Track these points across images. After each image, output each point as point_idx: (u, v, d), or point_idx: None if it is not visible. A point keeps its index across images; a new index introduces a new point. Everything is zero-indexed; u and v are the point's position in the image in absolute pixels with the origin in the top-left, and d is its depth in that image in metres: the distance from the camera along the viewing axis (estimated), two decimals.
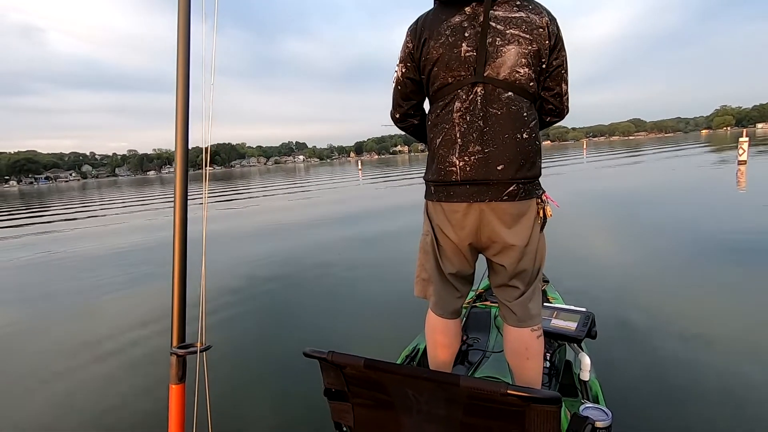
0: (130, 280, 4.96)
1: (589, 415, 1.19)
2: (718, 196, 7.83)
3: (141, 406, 2.22)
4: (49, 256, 6.96)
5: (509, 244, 1.24)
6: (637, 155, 25.52)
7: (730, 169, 11.56)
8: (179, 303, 1.09)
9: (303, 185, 22.36)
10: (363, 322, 3.18)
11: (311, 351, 1.12)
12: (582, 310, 1.66)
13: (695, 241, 4.69)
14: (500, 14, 1.18)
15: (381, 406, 1.13)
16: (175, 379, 1.07)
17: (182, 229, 1.11)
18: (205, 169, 1.16)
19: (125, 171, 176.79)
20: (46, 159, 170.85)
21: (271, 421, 2.03)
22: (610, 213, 7.22)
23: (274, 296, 3.94)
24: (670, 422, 1.81)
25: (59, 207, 19.76)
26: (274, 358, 2.68)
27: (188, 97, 1.10)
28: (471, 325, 2.04)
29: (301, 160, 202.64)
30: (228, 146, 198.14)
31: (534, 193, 1.26)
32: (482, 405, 0.97)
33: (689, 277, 3.64)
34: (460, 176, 1.22)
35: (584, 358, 1.56)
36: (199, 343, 1.08)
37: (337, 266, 4.81)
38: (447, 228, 1.30)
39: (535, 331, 1.31)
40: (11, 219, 14.79)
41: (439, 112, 1.26)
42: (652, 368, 2.20)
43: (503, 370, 1.62)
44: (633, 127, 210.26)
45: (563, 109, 1.34)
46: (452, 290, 1.38)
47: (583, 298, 3.18)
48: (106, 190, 38.51)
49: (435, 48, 1.22)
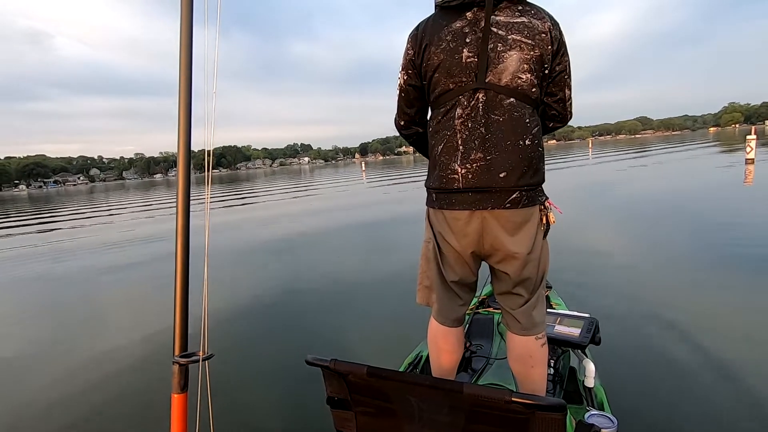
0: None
1: (595, 422, 1.18)
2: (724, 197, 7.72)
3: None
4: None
5: (512, 252, 1.22)
6: (643, 155, 25.25)
7: (738, 170, 11.43)
8: (181, 312, 1.09)
9: (305, 188, 22.39)
10: (365, 329, 3.17)
11: (313, 359, 1.11)
12: (586, 315, 1.64)
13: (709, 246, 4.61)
14: (502, 19, 1.16)
15: (384, 414, 1.12)
16: (177, 389, 1.07)
17: (184, 237, 1.11)
18: (207, 181, 1.15)
19: (132, 174, 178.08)
20: (54, 163, 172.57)
21: (273, 430, 2.03)
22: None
23: (275, 304, 3.93)
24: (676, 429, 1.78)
25: (81, 207, 19.95)
26: (277, 366, 2.68)
27: (190, 102, 1.10)
28: (474, 332, 2.02)
29: (306, 161, 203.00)
30: (234, 149, 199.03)
31: (537, 199, 1.24)
32: (486, 412, 0.96)
33: (704, 279, 3.59)
34: (462, 184, 1.21)
35: (588, 364, 1.54)
36: (201, 352, 1.08)
37: (339, 273, 4.80)
38: (449, 235, 1.29)
39: (539, 339, 1.30)
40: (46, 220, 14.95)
41: (440, 118, 1.25)
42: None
43: (507, 377, 1.60)
44: (640, 125, 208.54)
45: (566, 114, 1.32)
46: (455, 298, 1.37)
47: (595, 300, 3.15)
48: (118, 193, 38.79)
49: (436, 54, 1.21)
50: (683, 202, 7.42)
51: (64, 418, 2.25)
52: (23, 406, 2.42)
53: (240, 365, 2.72)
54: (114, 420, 2.20)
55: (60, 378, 2.72)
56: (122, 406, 2.33)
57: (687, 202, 7.42)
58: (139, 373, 2.71)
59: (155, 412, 2.21)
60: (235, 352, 2.91)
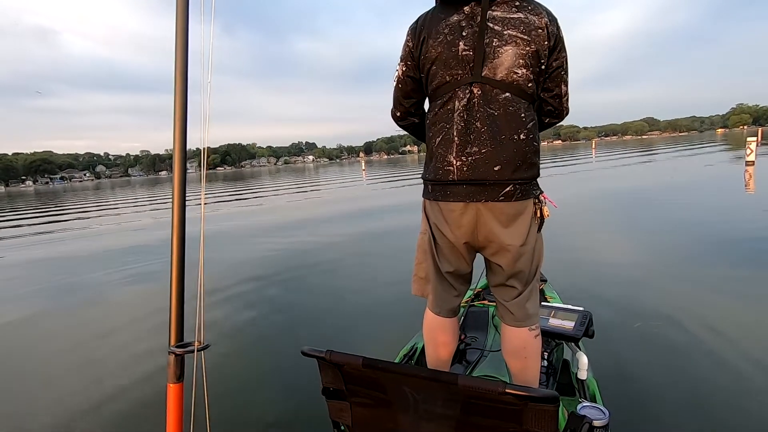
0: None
1: (587, 413, 1.19)
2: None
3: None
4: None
5: (506, 244, 1.24)
6: (649, 155, 25.15)
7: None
8: (177, 301, 1.10)
9: (307, 185, 22.51)
10: (361, 320, 3.19)
11: (309, 350, 1.12)
12: (579, 309, 1.65)
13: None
14: (498, 15, 1.17)
15: (379, 404, 1.13)
16: (173, 378, 1.08)
17: (180, 227, 1.12)
18: (204, 167, 1.16)
19: (138, 171, 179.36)
20: (61, 159, 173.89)
21: (269, 420, 2.04)
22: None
23: (272, 295, 3.97)
24: (668, 421, 1.79)
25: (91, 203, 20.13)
26: (273, 357, 2.70)
27: (186, 100, 1.11)
28: (469, 324, 2.03)
29: (310, 160, 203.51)
30: (238, 146, 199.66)
31: (531, 193, 1.25)
32: (480, 404, 0.97)
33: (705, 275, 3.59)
34: (457, 176, 1.22)
35: (582, 357, 1.55)
36: (197, 342, 1.09)
37: (335, 264, 4.84)
38: (444, 227, 1.30)
39: (533, 331, 1.31)
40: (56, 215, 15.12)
41: (437, 110, 1.27)
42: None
43: (501, 369, 1.62)
44: (646, 126, 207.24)
45: (563, 110, 1.33)
46: (450, 289, 1.38)
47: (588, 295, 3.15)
48: (127, 189, 39.09)
49: (434, 47, 1.23)
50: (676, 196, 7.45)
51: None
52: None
53: (236, 356, 2.74)
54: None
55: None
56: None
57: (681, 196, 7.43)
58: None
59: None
60: (231, 343, 2.93)
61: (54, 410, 2.26)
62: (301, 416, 2.03)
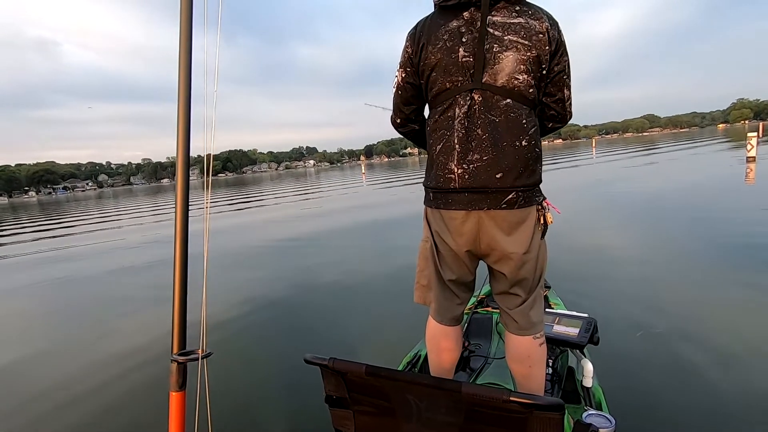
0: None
1: (592, 422, 1.18)
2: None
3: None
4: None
5: (509, 252, 1.22)
6: (650, 153, 25.06)
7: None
8: (180, 310, 1.10)
9: (306, 191, 22.49)
10: (364, 328, 3.17)
11: (312, 357, 1.12)
12: (584, 315, 1.63)
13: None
14: (498, 20, 1.16)
15: (382, 412, 1.12)
16: (175, 387, 1.07)
17: (183, 236, 1.12)
18: (207, 175, 1.16)
19: (140, 179, 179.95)
20: (63, 169, 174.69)
21: (272, 428, 2.03)
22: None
23: (275, 303, 3.94)
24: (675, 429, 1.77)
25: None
26: (275, 365, 2.69)
27: (189, 109, 1.11)
28: (472, 331, 2.01)
29: (311, 164, 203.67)
30: (239, 153, 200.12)
31: (534, 200, 1.23)
32: (484, 412, 0.96)
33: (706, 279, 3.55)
34: (459, 184, 1.21)
35: (587, 364, 1.53)
36: (200, 350, 1.09)
37: (336, 272, 4.81)
38: (446, 234, 1.29)
39: (537, 339, 1.29)
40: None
41: (437, 117, 1.25)
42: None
43: (505, 377, 1.60)
44: (647, 123, 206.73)
45: (566, 114, 1.31)
46: (452, 297, 1.37)
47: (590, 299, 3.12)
48: (130, 198, 39.18)
49: (433, 53, 1.21)
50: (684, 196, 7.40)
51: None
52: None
53: (239, 364, 2.73)
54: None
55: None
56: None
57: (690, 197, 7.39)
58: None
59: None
60: (234, 351, 2.92)
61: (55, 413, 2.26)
62: (304, 425, 2.02)
